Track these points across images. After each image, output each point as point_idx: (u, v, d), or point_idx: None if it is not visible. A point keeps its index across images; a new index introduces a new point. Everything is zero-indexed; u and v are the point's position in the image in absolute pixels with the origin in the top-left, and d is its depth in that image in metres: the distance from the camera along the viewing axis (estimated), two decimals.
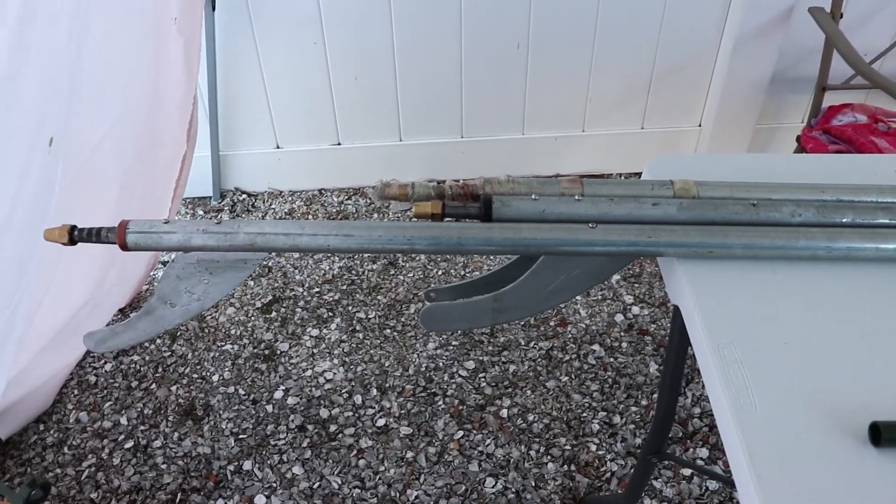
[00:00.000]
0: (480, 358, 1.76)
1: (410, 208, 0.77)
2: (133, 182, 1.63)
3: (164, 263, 2.08)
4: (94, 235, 0.76)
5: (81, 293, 1.62)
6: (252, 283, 2.02)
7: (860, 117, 1.86)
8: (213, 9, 1.96)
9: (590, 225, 0.73)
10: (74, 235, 0.77)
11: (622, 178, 2.41)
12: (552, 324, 1.85)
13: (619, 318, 1.87)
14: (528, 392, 1.68)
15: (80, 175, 1.36)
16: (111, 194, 1.54)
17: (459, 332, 1.81)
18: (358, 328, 1.86)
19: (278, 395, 1.69)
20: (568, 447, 1.56)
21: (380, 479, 1.51)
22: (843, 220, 0.76)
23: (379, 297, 1.95)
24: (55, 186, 1.29)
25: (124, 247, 0.76)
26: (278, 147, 2.31)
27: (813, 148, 1.80)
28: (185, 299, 0.81)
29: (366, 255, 2.09)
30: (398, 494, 1.48)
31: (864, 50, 1.72)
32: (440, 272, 2.04)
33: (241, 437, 1.61)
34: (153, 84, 1.59)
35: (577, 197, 0.76)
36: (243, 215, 2.28)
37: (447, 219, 0.77)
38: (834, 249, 0.73)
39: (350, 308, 1.92)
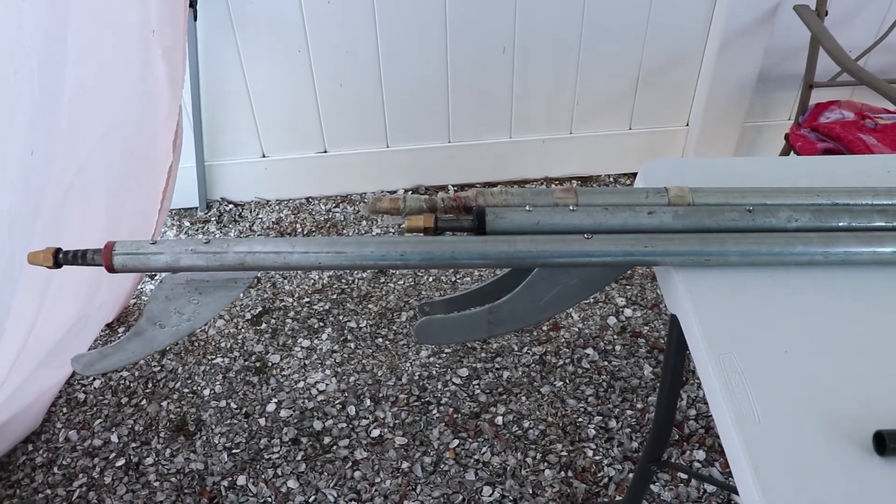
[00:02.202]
0: (474, 365, 1.75)
1: (402, 222, 0.76)
2: (123, 197, 1.61)
3: (152, 278, 2.06)
4: (79, 258, 0.75)
5: (73, 310, 1.60)
6: (241, 294, 2.00)
7: (847, 114, 1.86)
8: (195, 18, 1.94)
9: (585, 235, 0.72)
10: (59, 258, 0.75)
11: (611, 178, 2.41)
12: (545, 328, 1.84)
13: (611, 320, 1.86)
14: (523, 398, 1.67)
15: (68, 195, 1.34)
16: (101, 211, 1.52)
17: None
18: (349, 338, 1.85)
19: (271, 407, 1.68)
20: (564, 453, 1.55)
21: (376, 490, 1.50)
22: (840, 224, 0.75)
23: (370, 306, 1.94)
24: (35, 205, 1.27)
25: (111, 269, 0.74)
26: (264, 156, 2.29)
27: (802, 146, 1.80)
28: (174, 320, 0.80)
29: None
30: None
31: (849, 47, 1.72)
32: (430, 279, 2.02)
33: (234, 451, 1.59)
34: (138, 97, 1.57)
35: (571, 207, 0.75)
36: (230, 225, 2.26)
37: (440, 232, 0.76)
38: (831, 254, 0.72)
39: (341, 318, 1.91)
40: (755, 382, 0.62)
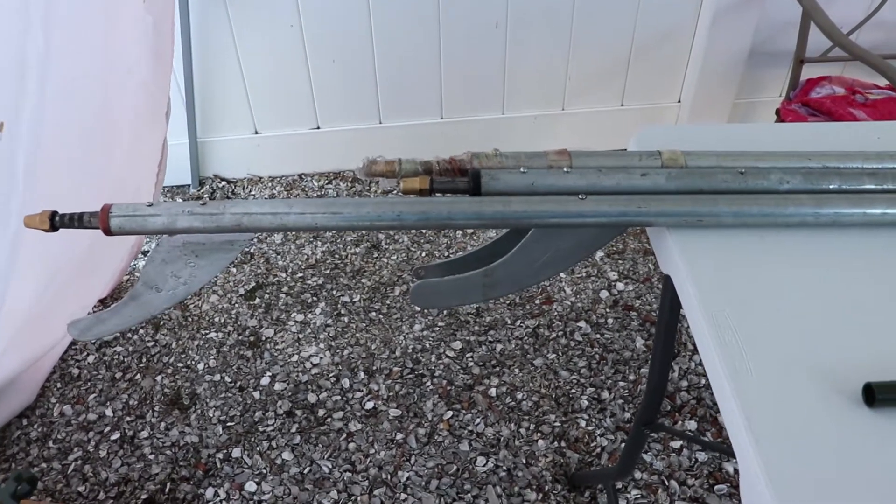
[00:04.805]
0: (467, 338, 1.76)
1: (397, 186, 0.76)
2: (95, 162, 1.56)
3: (146, 254, 2.06)
4: (76, 221, 0.75)
5: (43, 273, 1.55)
6: (234, 269, 2.00)
7: (838, 89, 1.87)
8: None
9: (579, 196, 0.72)
10: (56, 221, 0.75)
11: None
12: (538, 302, 1.85)
13: (604, 294, 1.88)
14: (516, 370, 1.68)
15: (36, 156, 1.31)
16: (67, 172, 1.48)
17: (445, 312, 1.81)
18: (343, 312, 1.85)
19: (265, 381, 1.68)
20: (557, 424, 1.56)
21: (370, 461, 1.51)
22: (830, 187, 0.76)
23: (363, 281, 1.94)
24: (19, 172, 1.26)
25: (108, 231, 0.74)
26: (257, 132, 2.28)
27: (792, 121, 1.81)
28: (171, 283, 0.80)
29: (348, 239, 2.08)
30: (389, 476, 1.48)
31: (839, 22, 1.72)
32: (424, 254, 2.03)
33: (228, 424, 1.60)
34: (105, 62, 1.52)
35: (565, 169, 0.76)
36: None
37: (436, 194, 0.76)
38: (822, 215, 0.73)
39: (334, 292, 1.91)
40: (748, 338, 0.63)
